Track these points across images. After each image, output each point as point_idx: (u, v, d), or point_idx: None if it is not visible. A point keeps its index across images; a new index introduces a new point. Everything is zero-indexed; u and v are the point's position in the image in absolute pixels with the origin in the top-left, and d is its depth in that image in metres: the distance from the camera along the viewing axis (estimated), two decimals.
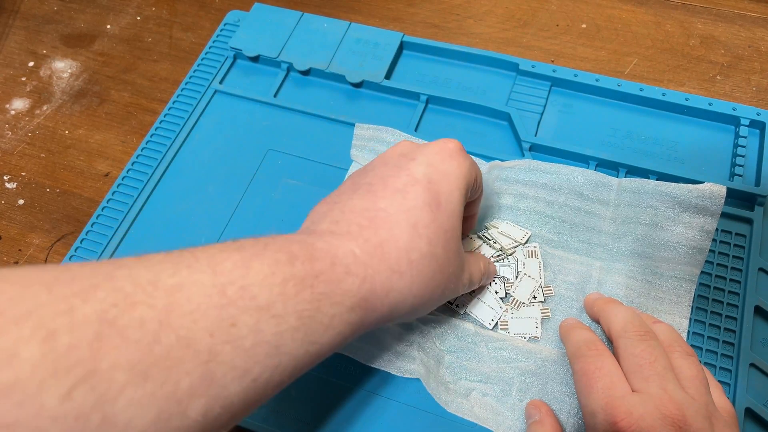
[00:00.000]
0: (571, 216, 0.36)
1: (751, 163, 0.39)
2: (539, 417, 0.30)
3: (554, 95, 0.43)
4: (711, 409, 0.26)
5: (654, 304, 0.34)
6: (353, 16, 0.51)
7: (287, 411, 0.33)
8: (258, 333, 0.20)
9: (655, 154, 0.40)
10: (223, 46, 0.49)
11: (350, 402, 0.34)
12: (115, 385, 0.17)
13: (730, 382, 0.32)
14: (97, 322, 0.17)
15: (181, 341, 0.19)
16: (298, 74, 0.47)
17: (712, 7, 0.49)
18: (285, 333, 0.21)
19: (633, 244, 0.35)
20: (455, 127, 0.43)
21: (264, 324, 0.21)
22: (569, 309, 0.35)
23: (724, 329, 0.34)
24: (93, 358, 0.17)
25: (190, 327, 0.19)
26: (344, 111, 0.44)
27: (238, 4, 0.53)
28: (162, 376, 0.18)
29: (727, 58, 0.46)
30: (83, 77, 0.51)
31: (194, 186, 0.42)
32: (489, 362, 0.33)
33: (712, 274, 0.35)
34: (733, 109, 0.40)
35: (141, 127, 0.48)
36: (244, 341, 0.20)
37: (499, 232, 0.37)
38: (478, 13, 0.51)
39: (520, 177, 0.37)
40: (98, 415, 0.16)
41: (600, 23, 0.49)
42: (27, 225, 0.43)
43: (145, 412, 0.17)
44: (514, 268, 0.36)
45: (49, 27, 0.54)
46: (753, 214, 0.37)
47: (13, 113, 0.49)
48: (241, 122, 0.45)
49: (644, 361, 0.27)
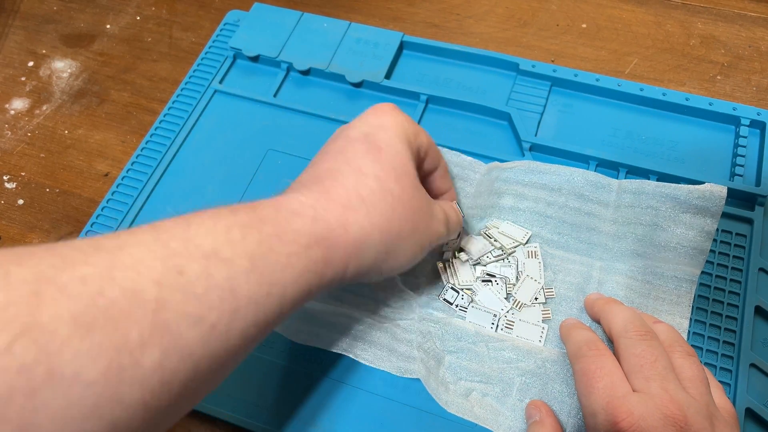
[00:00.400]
0: (571, 216, 0.36)
1: (752, 163, 0.39)
2: (539, 417, 0.30)
3: (554, 95, 0.43)
4: (712, 409, 0.26)
5: (654, 304, 0.34)
6: (353, 16, 0.51)
7: (287, 410, 0.33)
8: (208, 278, 0.20)
9: (655, 154, 0.40)
10: (223, 46, 0.49)
11: (350, 402, 0.34)
12: (58, 337, 0.16)
13: (730, 382, 0.32)
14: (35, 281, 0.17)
15: (126, 292, 0.18)
16: (298, 74, 0.47)
17: (712, 7, 0.49)
18: (238, 276, 0.21)
19: (633, 244, 0.35)
20: (455, 127, 0.43)
21: (213, 269, 0.20)
22: (569, 309, 0.35)
23: (725, 329, 0.34)
24: (31, 313, 0.16)
25: (134, 278, 0.19)
26: (344, 111, 0.44)
27: (238, 4, 0.53)
28: (109, 327, 0.17)
29: (728, 58, 0.46)
30: (83, 77, 0.51)
31: (194, 186, 0.42)
32: (489, 362, 0.33)
33: (712, 274, 0.35)
34: (734, 109, 0.40)
35: (141, 127, 0.47)
36: (194, 287, 0.20)
37: (500, 232, 0.37)
38: (478, 13, 0.51)
39: (520, 177, 0.37)
40: (42, 367, 0.16)
41: (600, 23, 0.49)
42: (27, 225, 0.43)
43: (94, 363, 0.17)
44: (515, 269, 0.36)
45: (48, 27, 0.54)
46: (753, 214, 0.37)
47: (13, 113, 0.49)
48: (241, 122, 0.45)
49: (645, 361, 0.27)
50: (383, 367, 0.33)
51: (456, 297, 0.35)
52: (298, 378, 0.34)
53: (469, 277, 0.36)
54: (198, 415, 0.35)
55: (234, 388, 0.34)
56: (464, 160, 0.39)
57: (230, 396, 0.34)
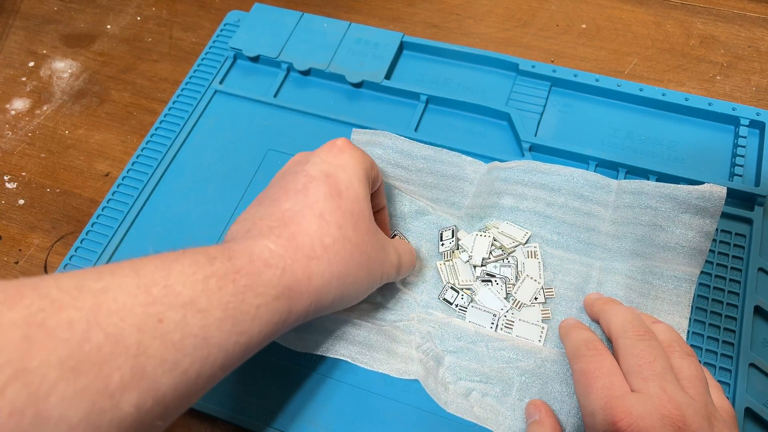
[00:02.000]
0: (570, 216, 0.36)
1: (751, 163, 0.39)
2: (539, 417, 0.30)
3: (554, 95, 0.43)
4: (710, 409, 0.26)
5: (654, 304, 0.34)
6: (353, 16, 0.51)
7: (287, 410, 0.33)
8: (185, 327, 0.21)
9: (655, 154, 0.40)
10: (223, 46, 0.49)
11: (351, 402, 0.34)
12: (47, 382, 0.17)
13: (729, 382, 0.32)
14: (25, 325, 0.18)
15: (110, 338, 0.19)
16: (298, 74, 0.47)
17: (712, 7, 0.49)
18: (212, 325, 0.22)
19: (633, 244, 0.35)
20: (455, 127, 0.43)
21: (190, 318, 0.22)
22: (569, 309, 0.35)
23: (724, 329, 0.34)
24: (22, 357, 0.17)
25: (117, 324, 0.20)
26: (344, 111, 0.44)
27: (238, 4, 0.53)
28: (93, 372, 0.19)
29: (727, 58, 0.46)
30: (83, 77, 0.51)
31: (194, 186, 0.42)
32: (489, 362, 0.33)
33: (711, 274, 0.35)
34: (733, 109, 0.40)
35: (141, 127, 0.48)
36: (172, 335, 0.21)
37: (500, 231, 0.37)
38: (478, 13, 0.51)
39: (519, 178, 0.37)
40: (31, 410, 0.17)
41: (600, 23, 0.49)
42: (27, 225, 0.44)
43: (78, 407, 0.18)
44: (515, 269, 0.36)
45: (49, 27, 0.54)
46: (753, 214, 0.37)
47: (13, 113, 0.49)
48: (241, 122, 0.45)
49: (643, 361, 0.27)
50: (382, 369, 0.33)
51: (456, 297, 0.35)
52: (298, 378, 0.34)
53: (468, 277, 0.36)
54: (198, 415, 0.35)
55: (234, 388, 0.34)
56: (464, 161, 0.40)
57: (230, 396, 0.34)
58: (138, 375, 0.20)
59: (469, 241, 0.37)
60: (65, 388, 0.18)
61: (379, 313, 0.35)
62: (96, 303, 0.20)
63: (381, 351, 0.34)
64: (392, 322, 0.35)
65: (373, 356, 0.33)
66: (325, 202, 0.28)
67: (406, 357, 0.33)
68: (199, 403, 0.34)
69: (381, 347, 0.34)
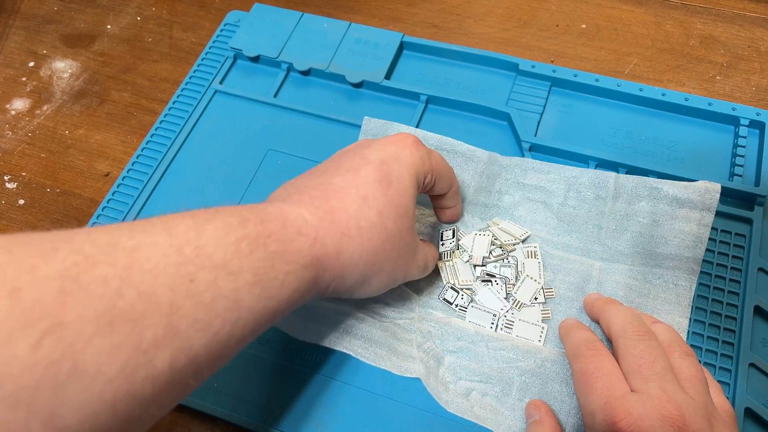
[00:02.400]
0: (570, 216, 0.36)
1: (751, 163, 0.39)
2: (539, 417, 0.30)
3: (554, 95, 0.43)
4: (710, 409, 0.26)
5: (654, 304, 0.34)
6: (353, 16, 0.51)
7: (287, 410, 0.33)
8: (216, 288, 0.21)
9: (655, 154, 0.40)
10: (223, 46, 0.49)
11: (351, 401, 0.34)
12: (83, 336, 0.18)
13: (729, 382, 0.33)
14: (60, 279, 0.18)
15: (143, 296, 0.19)
16: (298, 74, 0.47)
17: (712, 7, 0.49)
18: (242, 288, 0.22)
19: (632, 242, 0.35)
20: (455, 127, 0.43)
21: (221, 280, 0.22)
22: (569, 309, 0.35)
23: (724, 329, 0.34)
24: (58, 311, 0.17)
25: (150, 283, 0.20)
26: (344, 111, 0.44)
27: (238, 4, 0.53)
28: (127, 328, 0.19)
29: (727, 58, 0.46)
30: (83, 77, 0.51)
31: (194, 186, 0.42)
32: (489, 362, 0.33)
33: (711, 274, 0.35)
34: (733, 109, 0.40)
35: (141, 127, 0.48)
36: (203, 296, 0.21)
37: (500, 229, 0.37)
38: (478, 13, 0.51)
39: (519, 177, 0.38)
40: (68, 363, 0.17)
41: (600, 23, 0.49)
42: (27, 225, 0.44)
43: (114, 362, 0.18)
44: (515, 269, 0.36)
45: (49, 27, 0.54)
46: (753, 214, 0.37)
47: (14, 113, 0.49)
48: (241, 122, 0.45)
49: (643, 361, 0.27)
50: (383, 365, 0.33)
51: (456, 297, 0.35)
52: (298, 377, 0.34)
53: (468, 277, 0.36)
54: (198, 415, 0.35)
55: (234, 388, 0.34)
56: (466, 149, 0.39)
57: (230, 396, 0.34)
58: (171, 333, 0.20)
59: (469, 240, 0.37)
60: (101, 342, 0.18)
61: (381, 308, 0.35)
62: (129, 261, 0.20)
63: (383, 347, 0.34)
64: (393, 318, 0.35)
65: (376, 352, 0.33)
66: (373, 186, 0.28)
67: (407, 355, 0.33)
68: (199, 403, 0.34)
69: (383, 343, 0.34)
